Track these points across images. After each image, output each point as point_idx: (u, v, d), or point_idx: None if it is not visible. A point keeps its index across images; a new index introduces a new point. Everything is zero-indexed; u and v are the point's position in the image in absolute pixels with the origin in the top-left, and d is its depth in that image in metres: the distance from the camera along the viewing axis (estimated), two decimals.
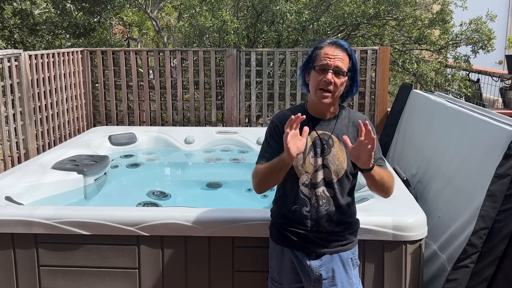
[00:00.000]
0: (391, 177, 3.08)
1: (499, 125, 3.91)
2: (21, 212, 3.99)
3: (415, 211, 3.93)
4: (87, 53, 7.92)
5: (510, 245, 3.37)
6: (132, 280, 3.93)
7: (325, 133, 3.07)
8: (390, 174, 3.09)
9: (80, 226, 3.86)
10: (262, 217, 3.67)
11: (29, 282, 3.97)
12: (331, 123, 3.10)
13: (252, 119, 8.01)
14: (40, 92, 6.55)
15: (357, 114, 3.21)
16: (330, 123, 3.10)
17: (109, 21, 11.95)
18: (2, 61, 5.77)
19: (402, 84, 7.17)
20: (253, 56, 7.74)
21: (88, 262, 3.93)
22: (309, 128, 2.95)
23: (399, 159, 6.18)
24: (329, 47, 3.00)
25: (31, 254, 3.94)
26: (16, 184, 4.86)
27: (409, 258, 3.76)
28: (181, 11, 11.59)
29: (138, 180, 6.51)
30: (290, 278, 3.16)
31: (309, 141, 3.05)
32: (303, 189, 3.08)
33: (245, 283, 3.90)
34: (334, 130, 3.08)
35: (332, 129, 3.08)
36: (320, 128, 3.08)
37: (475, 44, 9.17)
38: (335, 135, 3.07)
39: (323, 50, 2.99)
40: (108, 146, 7.02)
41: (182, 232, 3.84)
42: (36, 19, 11.03)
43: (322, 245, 3.09)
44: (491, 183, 3.53)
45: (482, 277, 3.44)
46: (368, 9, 8.72)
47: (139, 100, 8.01)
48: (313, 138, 3.06)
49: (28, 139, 6.21)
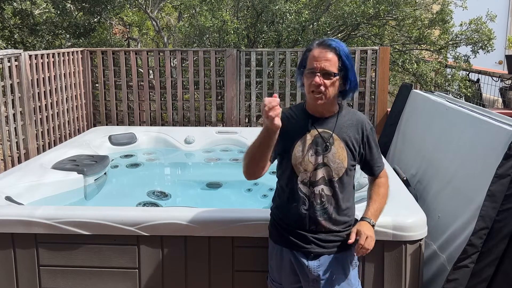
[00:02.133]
0: (382, 192, 3.28)
1: (499, 125, 3.91)
2: (21, 212, 3.99)
3: (415, 211, 3.93)
4: (87, 53, 7.92)
5: (510, 245, 3.37)
6: (132, 280, 3.93)
7: (326, 131, 3.06)
8: (381, 189, 3.30)
9: (80, 226, 3.86)
10: (262, 217, 3.67)
11: (29, 282, 3.97)
12: (331, 121, 3.10)
13: (252, 119, 8.01)
14: (40, 92, 6.55)
15: (358, 114, 3.21)
16: (331, 121, 3.10)
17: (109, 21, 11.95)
18: (2, 61, 5.77)
19: (402, 84, 7.18)
20: (253, 56, 7.74)
21: (88, 262, 3.93)
22: (310, 126, 2.99)
23: (399, 159, 6.18)
24: (317, 48, 2.99)
25: (31, 254, 3.94)
26: (16, 184, 4.86)
27: (409, 258, 3.76)
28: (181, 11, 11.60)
29: (138, 180, 6.51)
30: (290, 278, 3.17)
31: (310, 139, 3.05)
32: (302, 187, 3.07)
33: (245, 283, 3.90)
34: (335, 129, 3.08)
35: (333, 128, 3.08)
36: (321, 126, 3.07)
37: (475, 44, 9.17)
38: (336, 134, 3.07)
39: (312, 52, 2.99)
40: (108, 146, 7.02)
41: (182, 232, 3.84)
42: (36, 19, 11.03)
43: (320, 245, 3.09)
44: (491, 183, 3.53)
45: (482, 277, 3.44)
46: (368, 9, 8.72)
47: (139, 100, 8.01)
48: (314, 136, 3.06)
49: (28, 139, 6.21)
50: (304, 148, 3.05)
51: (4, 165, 5.75)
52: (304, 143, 3.05)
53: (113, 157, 6.71)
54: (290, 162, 3.09)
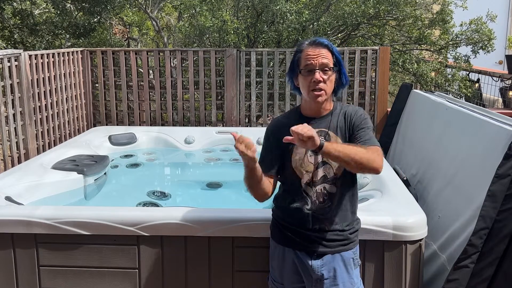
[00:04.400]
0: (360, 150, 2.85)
1: (499, 125, 3.91)
2: (21, 212, 3.99)
3: (415, 211, 3.93)
4: (87, 53, 7.92)
5: (510, 245, 3.37)
6: (132, 280, 3.93)
7: (322, 130, 3.07)
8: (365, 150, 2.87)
9: (80, 226, 3.86)
10: (262, 217, 3.67)
11: (29, 282, 3.97)
12: (326, 120, 3.11)
13: (252, 119, 8.01)
14: (40, 92, 6.55)
15: (351, 106, 3.19)
16: (326, 120, 3.11)
17: (109, 21, 11.95)
18: (2, 61, 5.77)
19: (402, 84, 7.18)
20: (253, 56, 7.74)
21: (88, 262, 3.93)
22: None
23: (399, 159, 6.18)
24: (309, 47, 3.03)
25: (31, 254, 3.94)
26: (16, 184, 4.86)
27: (409, 258, 3.76)
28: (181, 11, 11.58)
29: (138, 180, 6.51)
30: (292, 278, 3.17)
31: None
32: (305, 188, 3.09)
33: (245, 283, 3.90)
34: (330, 126, 3.09)
35: (328, 125, 3.09)
36: (316, 126, 3.07)
37: (475, 44, 9.17)
38: (331, 131, 3.08)
39: (304, 52, 3.02)
40: (108, 146, 7.02)
41: (182, 232, 3.84)
42: (36, 19, 11.03)
43: (323, 244, 3.09)
44: (491, 183, 3.53)
45: (482, 277, 3.44)
46: (368, 9, 8.72)
47: (139, 100, 8.01)
48: None
49: (28, 139, 6.21)
50: (302, 150, 3.07)
51: (4, 165, 5.75)
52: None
53: (113, 157, 6.71)
54: (291, 166, 3.11)
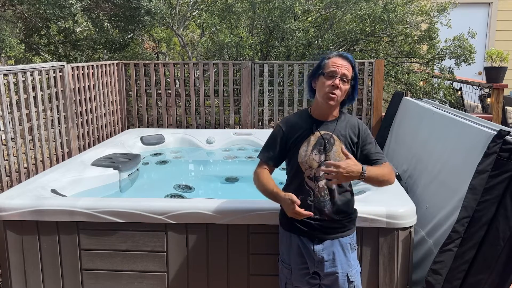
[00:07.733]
0: (386, 170, 3.09)
1: (479, 128, 3.89)
2: (64, 202, 4.01)
3: (405, 202, 3.92)
4: (122, 65, 7.94)
5: (488, 231, 3.36)
6: (161, 261, 3.95)
7: (327, 133, 3.10)
8: (385, 168, 3.11)
9: (116, 215, 3.88)
10: (274, 207, 3.66)
11: (71, 263, 3.99)
12: (332, 124, 3.13)
13: (264, 122, 8.01)
14: (81, 99, 6.58)
15: (354, 118, 3.25)
16: (331, 124, 3.13)
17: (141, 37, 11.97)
18: (48, 72, 5.80)
19: (395, 92, 7.15)
20: (265, 68, 7.74)
21: (122, 246, 3.95)
22: (314, 129, 3.04)
23: (392, 157, 6.15)
24: (337, 57, 3.07)
25: (73, 239, 3.96)
26: (61, 179, 4.88)
27: (401, 243, 3.75)
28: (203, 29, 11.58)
29: (166, 175, 6.52)
30: (297, 260, 3.18)
31: (314, 140, 3.10)
32: (308, 182, 3.11)
33: (259, 264, 3.90)
34: (335, 130, 3.11)
35: (333, 130, 3.11)
36: (323, 128, 3.10)
37: (458, 57, 9.12)
38: (335, 135, 3.10)
39: (332, 59, 3.05)
40: (140, 145, 7.04)
41: (204, 220, 3.85)
42: (77, 36, 11.07)
43: (324, 231, 3.11)
44: (472, 178, 3.51)
45: (464, 259, 3.43)
46: (366, 27, 8.72)
47: (167, 106, 8.02)
48: (317, 138, 3.10)
49: (71, 140, 6.24)
50: (309, 148, 3.09)
51: (50, 162, 5.78)
52: (309, 144, 3.10)
53: (144, 155, 6.72)
54: (297, 161, 3.13)
